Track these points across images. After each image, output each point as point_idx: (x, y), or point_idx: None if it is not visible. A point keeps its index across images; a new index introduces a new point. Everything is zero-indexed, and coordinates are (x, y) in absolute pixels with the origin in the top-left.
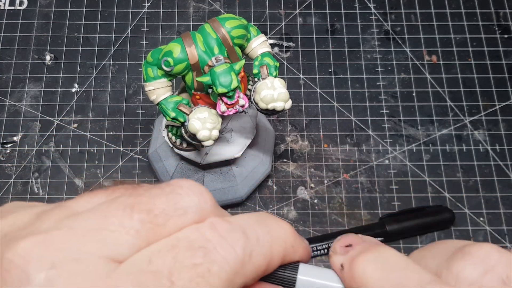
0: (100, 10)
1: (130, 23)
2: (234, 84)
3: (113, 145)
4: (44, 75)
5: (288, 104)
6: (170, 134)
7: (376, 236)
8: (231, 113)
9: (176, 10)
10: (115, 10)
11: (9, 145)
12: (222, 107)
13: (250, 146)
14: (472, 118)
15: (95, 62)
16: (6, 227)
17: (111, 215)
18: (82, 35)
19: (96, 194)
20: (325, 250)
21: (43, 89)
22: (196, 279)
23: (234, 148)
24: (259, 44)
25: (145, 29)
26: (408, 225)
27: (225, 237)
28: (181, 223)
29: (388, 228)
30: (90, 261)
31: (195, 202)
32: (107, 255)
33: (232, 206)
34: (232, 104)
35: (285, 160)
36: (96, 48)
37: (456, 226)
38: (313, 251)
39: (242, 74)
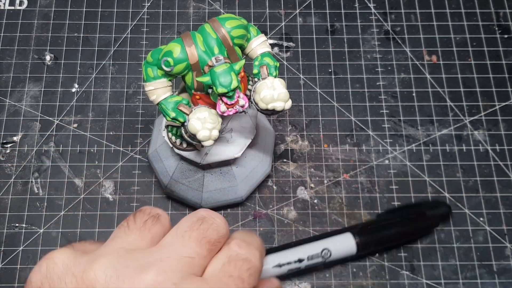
0: (100, 10)
1: (130, 23)
2: (234, 84)
3: (113, 145)
4: (44, 75)
5: (288, 104)
6: (170, 134)
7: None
8: (231, 113)
9: (176, 10)
10: (115, 10)
11: (9, 145)
12: (222, 107)
13: (250, 146)
14: (472, 118)
15: (95, 62)
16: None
17: (189, 246)
18: (82, 35)
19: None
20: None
21: (43, 89)
22: (249, 277)
23: (234, 148)
24: (259, 44)
25: (145, 29)
26: (388, 234)
27: (250, 250)
28: (222, 244)
29: (361, 240)
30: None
31: (226, 229)
32: (193, 273)
33: (232, 206)
34: (232, 104)
35: (285, 160)
36: (96, 48)
37: (456, 226)
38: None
39: (242, 74)
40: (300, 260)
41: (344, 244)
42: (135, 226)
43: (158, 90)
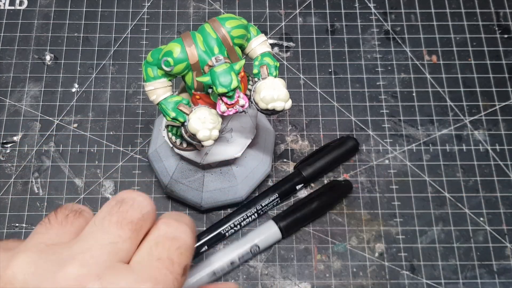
0: (100, 10)
1: (130, 23)
2: (234, 84)
3: (113, 145)
4: (44, 75)
5: (288, 104)
6: (170, 134)
7: (297, 184)
8: (231, 113)
9: (176, 10)
10: (115, 10)
11: (9, 145)
12: (222, 107)
13: (250, 146)
14: (472, 118)
15: (95, 62)
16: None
17: (110, 232)
18: (82, 35)
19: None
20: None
21: (43, 89)
22: (179, 257)
23: (234, 148)
24: (259, 44)
25: (145, 29)
26: (321, 165)
27: (179, 227)
28: (148, 224)
29: (305, 174)
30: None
31: (150, 206)
32: (119, 259)
33: (232, 206)
34: (232, 104)
35: (285, 160)
36: (96, 48)
37: (456, 226)
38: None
39: (242, 74)
40: (232, 263)
41: (268, 234)
42: (56, 221)
43: (158, 90)
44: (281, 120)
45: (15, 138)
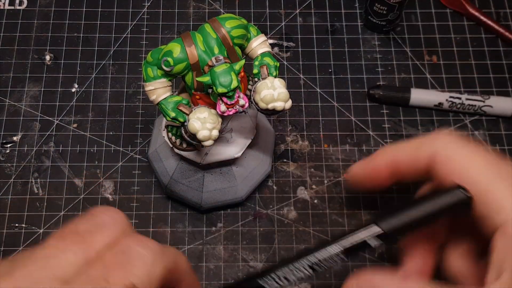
0: (100, 10)
1: (130, 23)
2: (234, 84)
3: (113, 145)
4: (44, 75)
5: (288, 104)
6: (170, 134)
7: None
8: (231, 113)
9: (176, 10)
10: (115, 10)
11: (8, 145)
12: (222, 107)
13: (250, 146)
14: (472, 118)
15: (95, 62)
16: None
17: (49, 244)
18: (82, 35)
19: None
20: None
21: (42, 89)
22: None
23: (234, 148)
24: (259, 44)
25: (145, 29)
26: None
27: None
28: (105, 235)
29: (384, 228)
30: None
31: (109, 220)
32: (58, 277)
33: (232, 206)
34: (232, 104)
35: (285, 160)
36: (96, 48)
37: None
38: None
39: (242, 74)
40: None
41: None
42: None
43: (158, 90)
44: (281, 120)
45: (14, 138)
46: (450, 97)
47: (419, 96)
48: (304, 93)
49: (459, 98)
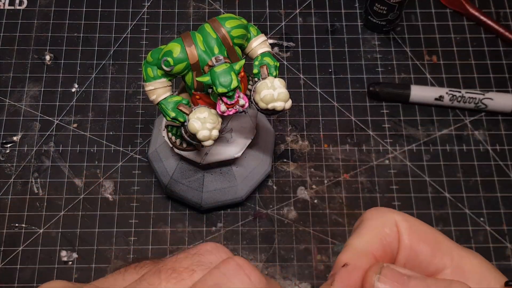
0: (100, 10)
1: (130, 23)
2: (234, 84)
3: (113, 145)
4: (44, 75)
5: (288, 104)
6: (170, 134)
7: None
8: (231, 113)
9: (176, 10)
10: (115, 10)
11: (8, 145)
12: (222, 107)
13: (250, 146)
14: (472, 118)
15: (95, 62)
16: None
17: (143, 279)
18: (82, 35)
19: (127, 270)
20: None
21: (42, 89)
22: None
23: (234, 148)
24: (259, 44)
25: (145, 29)
26: None
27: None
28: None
29: None
30: None
31: (216, 260)
32: None
33: (232, 206)
34: (232, 104)
35: (285, 160)
36: (96, 48)
37: (456, 226)
38: None
39: (242, 74)
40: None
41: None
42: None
43: (158, 90)
44: (281, 120)
45: (14, 138)
46: (450, 90)
47: (419, 92)
48: (304, 93)
49: (459, 91)
